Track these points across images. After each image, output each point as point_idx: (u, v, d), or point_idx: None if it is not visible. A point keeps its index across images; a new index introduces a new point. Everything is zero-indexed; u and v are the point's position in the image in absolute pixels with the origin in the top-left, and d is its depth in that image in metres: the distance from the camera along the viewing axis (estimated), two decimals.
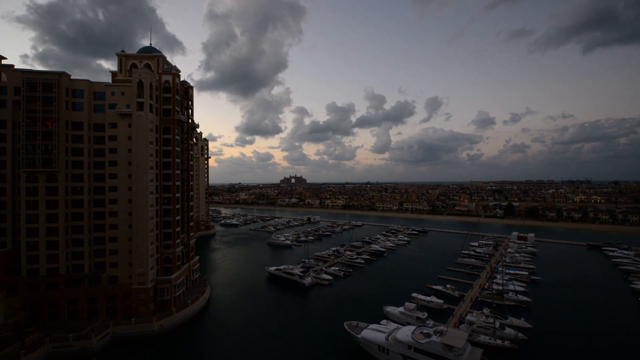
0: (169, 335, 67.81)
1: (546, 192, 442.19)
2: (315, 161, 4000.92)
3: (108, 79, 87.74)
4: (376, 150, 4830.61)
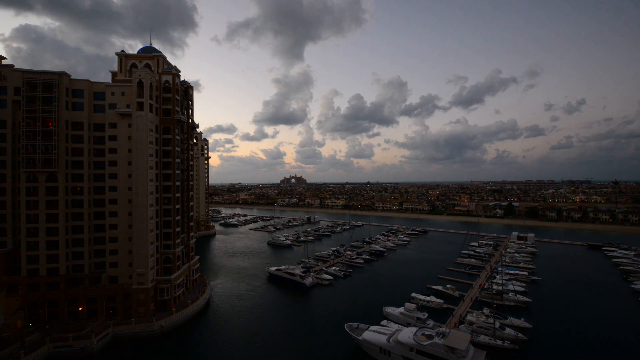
0: (169, 335, 67.74)
1: (546, 192, 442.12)
2: (326, 159, 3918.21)
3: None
4: (407, 145, 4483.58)
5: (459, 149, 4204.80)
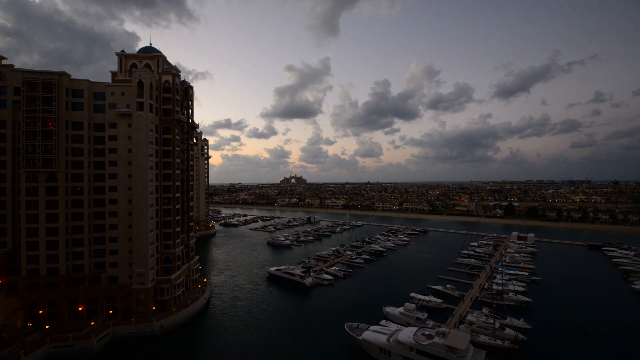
0: (169, 335, 67.73)
1: (546, 192, 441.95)
2: (330, 158, 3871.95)
3: None
4: (423, 143, 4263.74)
5: (472, 147, 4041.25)
